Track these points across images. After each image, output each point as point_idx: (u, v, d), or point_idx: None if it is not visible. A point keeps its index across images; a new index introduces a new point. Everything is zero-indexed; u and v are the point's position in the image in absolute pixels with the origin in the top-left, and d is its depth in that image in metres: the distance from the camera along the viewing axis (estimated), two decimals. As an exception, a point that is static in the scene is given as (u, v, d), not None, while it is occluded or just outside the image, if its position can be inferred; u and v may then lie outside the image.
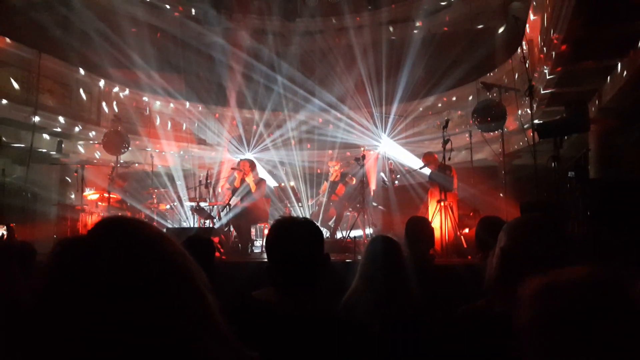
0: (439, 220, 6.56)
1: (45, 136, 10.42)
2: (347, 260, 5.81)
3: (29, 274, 2.82)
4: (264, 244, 8.39)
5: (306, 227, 1.71)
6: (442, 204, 6.60)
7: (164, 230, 8.01)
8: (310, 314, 1.64)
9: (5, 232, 7.04)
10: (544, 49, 7.73)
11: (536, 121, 6.87)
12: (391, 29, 14.39)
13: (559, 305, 0.75)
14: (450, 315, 2.34)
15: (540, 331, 0.76)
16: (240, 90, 13.68)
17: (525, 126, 7.77)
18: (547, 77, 7.70)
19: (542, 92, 8.20)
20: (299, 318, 1.61)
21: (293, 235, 1.66)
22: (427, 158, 7.92)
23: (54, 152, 10.54)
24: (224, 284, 2.39)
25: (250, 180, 8.00)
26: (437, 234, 6.07)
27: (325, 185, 9.25)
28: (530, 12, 8.68)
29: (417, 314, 2.46)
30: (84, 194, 8.55)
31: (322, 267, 1.69)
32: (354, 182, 8.81)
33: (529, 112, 7.18)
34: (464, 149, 10.24)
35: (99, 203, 8.86)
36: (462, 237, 6.65)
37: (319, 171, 12.78)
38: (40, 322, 0.77)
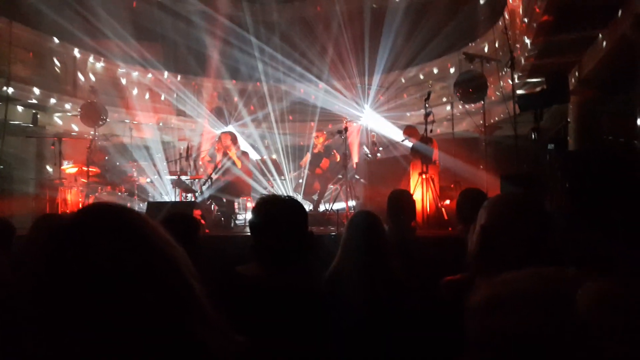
0: (421, 192, 6.61)
1: (20, 108, 10.14)
2: (332, 234, 5.85)
3: (7, 250, 2.78)
4: (246, 217, 8.38)
5: (290, 206, 1.70)
6: (424, 176, 6.65)
7: (145, 203, 7.96)
8: (296, 289, 1.65)
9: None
10: (526, 19, 7.70)
11: (518, 91, 6.90)
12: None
13: (503, 322, 0.73)
14: (432, 287, 2.39)
15: (485, 348, 0.74)
16: (220, 60, 13.41)
17: (507, 97, 7.80)
18: (529, 48, 7.70)
19: (523, 63, 8.21)
20: (285, 293, 1.62)
21: (277, 215, 1.66)
22: (409, 131, 7.93)
23: (30, 125, 10.27)
24: (208, 258, 2.39)
25: (232, 153, 7.92)
26: (418, 205, 6.13)
27: (307, 157, 9.20)
28: (513, -19, 8.62)
29: (399, 286, 2.50)
30: (62, 167, 8.38)
31: (307, 245, 1.69)
32: (338, 159, 8.77)
33: (511, 83, 7.20)
34: (446, 120, 10.27)
35: (78, 177, 8.71)
36: (443, 208, 6.72)
37: (301, 144, 12.70)
38: (26, 303, 0.77)
